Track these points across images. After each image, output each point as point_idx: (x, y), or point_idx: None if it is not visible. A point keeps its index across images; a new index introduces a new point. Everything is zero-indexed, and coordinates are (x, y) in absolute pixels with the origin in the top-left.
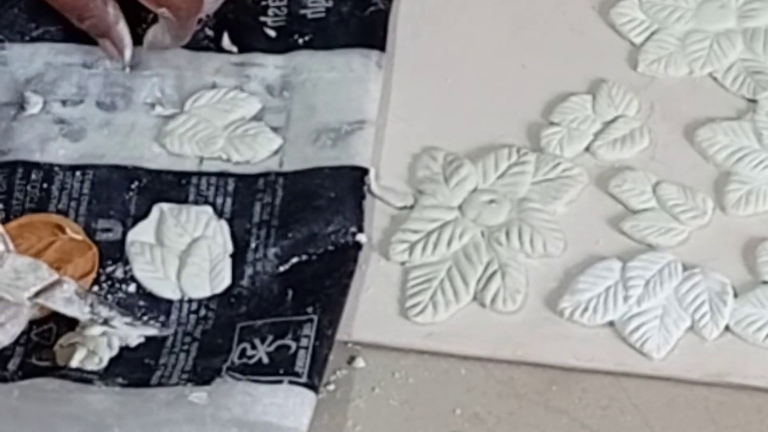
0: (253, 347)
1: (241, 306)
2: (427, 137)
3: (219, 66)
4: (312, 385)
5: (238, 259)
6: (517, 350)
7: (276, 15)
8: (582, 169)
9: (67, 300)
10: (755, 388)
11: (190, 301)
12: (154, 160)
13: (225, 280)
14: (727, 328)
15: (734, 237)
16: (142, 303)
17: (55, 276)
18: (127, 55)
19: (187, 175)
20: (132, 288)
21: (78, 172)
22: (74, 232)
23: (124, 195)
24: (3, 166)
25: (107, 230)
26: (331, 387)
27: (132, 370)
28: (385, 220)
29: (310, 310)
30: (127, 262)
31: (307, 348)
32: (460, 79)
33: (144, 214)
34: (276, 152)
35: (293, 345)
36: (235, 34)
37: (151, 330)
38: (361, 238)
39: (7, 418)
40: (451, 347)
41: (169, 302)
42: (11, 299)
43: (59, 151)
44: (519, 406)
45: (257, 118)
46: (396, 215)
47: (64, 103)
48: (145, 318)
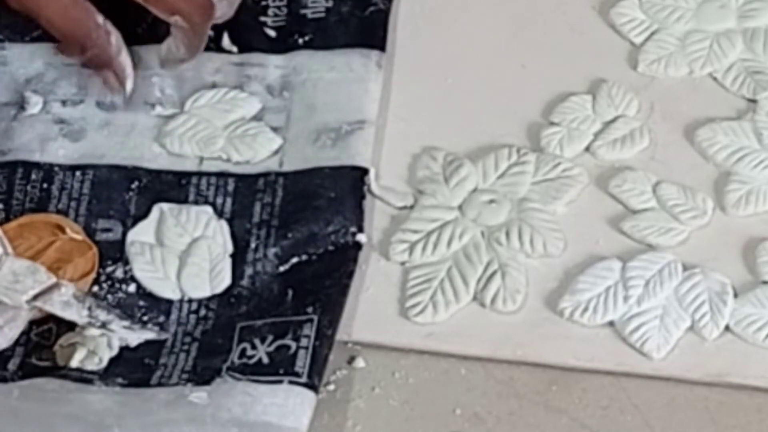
0: (253, 347)
1: (241, 306)
2: (427, 137)
3: (219, 66)
4: (312, 385)
5: (238, 259)
6: (517, 350)
7: (276, 15)
8: (582, 169)
9: (65, 303)
10: (755, 388)
11: (190, 301)
12: (154, 160)
13: (225, 280)
14: (727, 328)
15: (734, 237)
16: (142, 303)
17: (53, 279)
18: (129, 86)
19: (187, 175)
20: (132, 288)
21: (78, 172)
22: (74, 232)
23: (124, 195)
24: (3, 166)
25: (107, 230)
26: (331, 387)
27: (132, 370)
28: (385, 220)
29: (310, 310)
30: (127, 262)
31: (307, 348)
32: (460, 79)
33: (144, 214)
34: (276, 152)
35: (293, 345)
36: (235, 34)
37: (150, 334)
38: (361, 238)
39: (7, 418)
40: (451, 347)
41: (169, 302)
42: (9, 302)
43: (59, 151)
44: (519, 406)
45: (257, 118)
46: (396, 215)
47: (64, 103)
48: (145, 318)
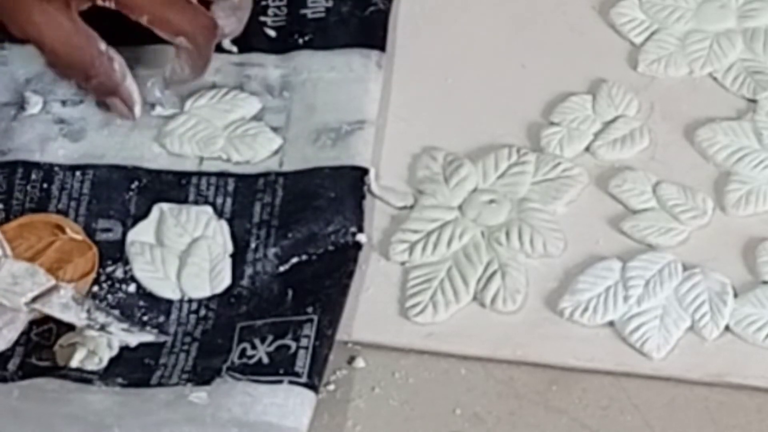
0: (253, 347)
1: (241, 306)
2: (427, 137)
3: (219, 66)
4: (312, 385)
5: (238, 259)
6: (517, 350)
7: (276, 15)
8: (582, 169)
9: (63, 306)
10: (755, 388)
11: (190, 301)
12: (154, 160)
13: (225, 280)
14: (727, 328)
15: (734, 237)
16: (142, 303)
17: (52, 281)
18: (137, 112)
19: (187, 175)
20: (132, 288)
21: (78, 172)
22: (74, 232)
23: (124, 195)
24: (3, 166)
25: (107, 230)
26: (331, 387)
27: (132, 370)
28: (385, 220)
29: (310, 310)
30: (127, 262)
31: (307, 348)
32: (460, 79)
33: (144, 214)
34: (276, 152)
35: (293, 345)
36: None
37: (149, 336)
38: (361, 238)
39: (7, 418)
40: (451, 347)
41: (169, 302)
42: (8, 304)
43: (59, 151)
44: (519, 406)
45: (257, 118)
46: (396, 215)
47: (64, 103)
48: (145, 318)
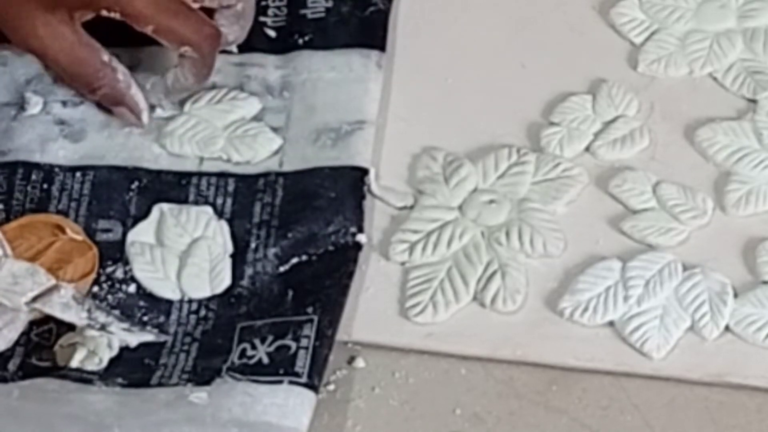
0: (253, 347)
1: (241, 306)
2: (427, 137)
3: (219, 66)
4: (312, 385)
5: (238, 259)
6: (517, 350)
7: (276, 15)
8: (582, 169)
9: (64, 305)
10: (755, 388)
11: (190, 301)
12: (154, 160)
13: (225, 281)
14: (727, 328)
15: (734, 237)
16: (142, 303)
17: (53, 281)
18: (145, 119)
19: (187, 176)
20: (132, 288)
21: (78, 173)
22: (74, 233)
23: (125, 195)
24: (3, 167)
25: (107, 230)
26: (331, 387)
27: (132, 370)
28: (385, 220)
29: (310, 310)
30: (127, 263)
31: (307, 348)
32: (460, 79)
33: (144, 215)
34: (276, 152)
35: (293, 345)
36: None
37: (149, 336)
38: (361, 238)
39: (7, 418)
40: (451, 347)
41: (169, 302)
42: (8, 304)
43: (59, 152)
44: (519, 406)
45: (257, 118)
46: (396, 215)
47: (64, 103)
48: (145, 318)
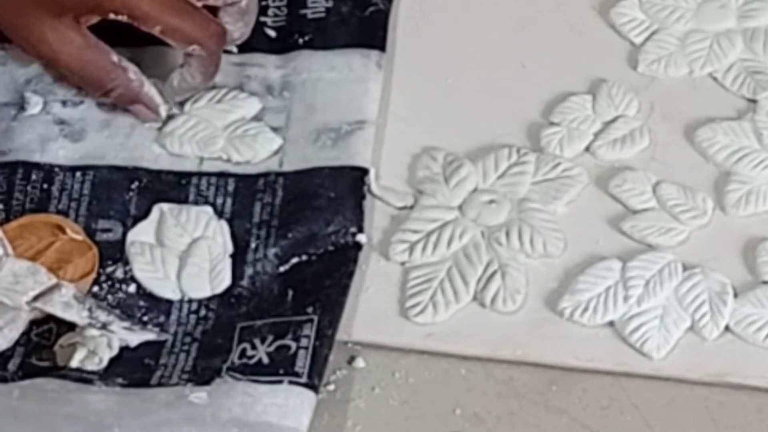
0: (253, 347)
1: (241, 306)
2: (427, 137)
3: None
4: (312, 385)
5: (238, 259)
6: (517, 350)
7: (276, 15)
8: (582, 169)
9: (65, 304)
10: (755, 388)
11: (190, 301)
12: (154, 160)
13: (225, 281)
14: (727, 328)
15: (734, 237)
16: (142, 303)
17: (54, 280)
18: (163, 113)
19: (187, 176)
20: (132, 288)
21: (78, 173)
22: (74, 233)
23: (124, 195)
24: (3, 167)
25: (107, 230)
26: (331, 387)
27: (132, 370)
28: (385, 220)
29: (310, 310)
30: (127, 263)
31: (307, 348)
32: (460, 79)
33: (144, 215)
34: (276, 152)
35: (293, 345)
36: None
37: (150, 335)
38: (361, 238)
39: (7, 418)
40: (451, 347)
41: (169, 302)
42: (10, 303)
43: (59, 152)
44: (519, 406)
45: (257, 118)
46: (396, 215)
47: (64, 103)
48: (145, 318)
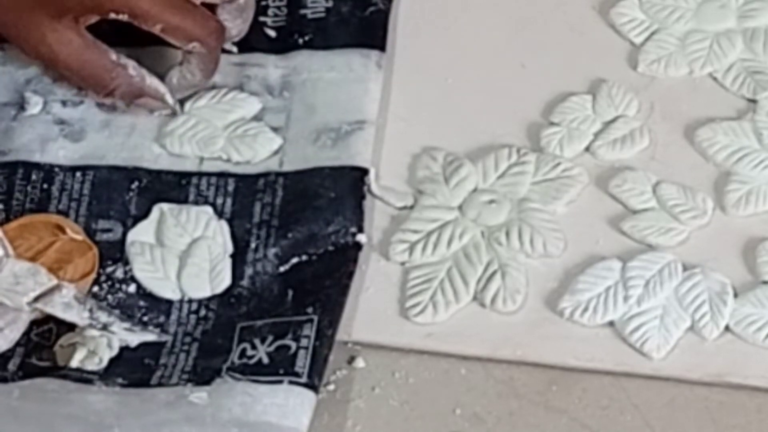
0: (253, 347)
1: (241, 306)
2: (427, 137)
3: (219, 66)
4: (312, 385)
5: (238, 259)
6: (517, 350)
7: (276, 15)
8: (582, 169)
9: (66, 305)
10: (755, 388)
11: (190, 301)
12: (154, 160)
13: (225, 281)
14: (727, 328)
15: (734, 237)
16: (142, 303)
17: (54, 281)
18: (170, 100)
19: (187, 176)
20: (132, 288)
21: (78, 173)
22: (74, 233)
23: (125, 195)
24: (3, 167)
25: (107, 230)
26: (331, 387)
27: (132, 370)
28: (385, 220)
29: (310, 310)
30: (127, 263)
31: (307, 348)
32: (460, 79)
33: (144, 215)
34: (276, 152)
35: (293, 345)
36: None
37: (150, 335)
38: (361, 238)
39: (7, 418)
40: (451, 347)
41: (169, 302)
42: (10, 304)
43: (59, 152)
44: (519, 406)
45: (257, 118)
46: (396, 215)
47: (64, 103)
48: (145, 318)
